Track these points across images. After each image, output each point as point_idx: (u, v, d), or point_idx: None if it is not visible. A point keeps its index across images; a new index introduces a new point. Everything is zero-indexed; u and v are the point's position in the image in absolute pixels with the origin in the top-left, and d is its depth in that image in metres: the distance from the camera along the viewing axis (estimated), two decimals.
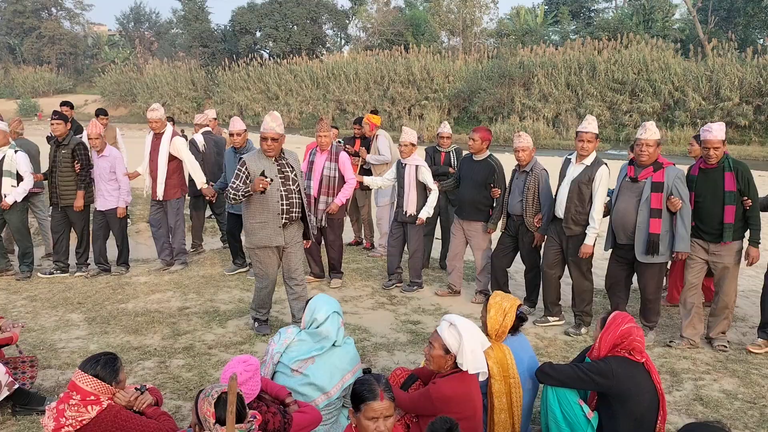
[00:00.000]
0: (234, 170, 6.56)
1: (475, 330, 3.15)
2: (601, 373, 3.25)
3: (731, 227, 4.78)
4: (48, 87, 49.96)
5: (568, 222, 5.24)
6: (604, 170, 5.15)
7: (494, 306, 3.56)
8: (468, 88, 31.27)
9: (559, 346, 5.13)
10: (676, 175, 4.84)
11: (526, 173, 5.67)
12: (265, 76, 39.23)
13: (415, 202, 6.25)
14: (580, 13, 43.57)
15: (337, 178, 6.40)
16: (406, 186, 6.28)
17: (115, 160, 6.64)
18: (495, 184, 5.94)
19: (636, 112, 26.83)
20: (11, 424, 3.72)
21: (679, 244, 4.84)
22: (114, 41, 61.45)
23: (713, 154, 4.76)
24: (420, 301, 6.23)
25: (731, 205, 4.75)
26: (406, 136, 6.31)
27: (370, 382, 2.65)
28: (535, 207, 5.62)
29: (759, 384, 4.43)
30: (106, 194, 6.67)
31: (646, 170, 4.91)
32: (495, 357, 3.41)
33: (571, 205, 5.20)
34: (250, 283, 6.65)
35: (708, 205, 4.85)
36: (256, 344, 5.00)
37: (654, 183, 4.85)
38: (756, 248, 4.86)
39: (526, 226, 5.68)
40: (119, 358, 3.04)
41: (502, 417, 3.42)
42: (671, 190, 4.82)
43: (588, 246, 5.19)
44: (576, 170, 5.23)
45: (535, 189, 5.59)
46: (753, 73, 24.84)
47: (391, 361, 4.71)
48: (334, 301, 3.69)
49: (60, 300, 6.01)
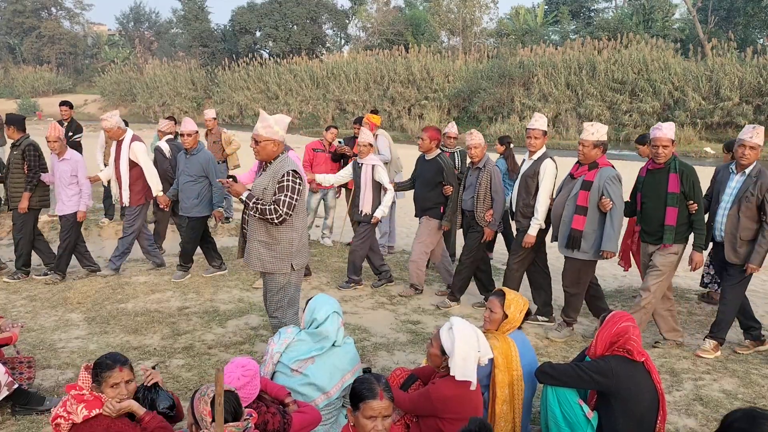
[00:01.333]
0: (185, 172, 6.55)
1: (473, 339, 3.15)
2: (601, 372, 3.25)
3: (672, 230, 4.73)
4: (48, 87, 49.92)
5: (518, 215, 5.51)
6: (548, 163, 5.30)
7: (514, 302, 3.64)
8: (468, 88, 31.25)
9: (559, 345, 5.13)
10: (608, 176, 4.84)
11: (478, 169, 5.85)
12: (265, 75, 39.21)
13: (370, 202, 6.37)
14: (579, 13, 43.56)
15: None
16: (362, 185, 6.38)
17: (77, 164, 6.46)
18: (445, 182, 6.06)
19: (636, 112, 26.81)
20: (11, 424, 3.71)
21: (606, 243, 4.85)
22: (114, 41, 61.43)
23: (662, 153, 4.73)
24: (420, 301, 6.23)
25: (673, 207, 4.71)
26: (364, 136, 6.40)
27: (370, 381, 2.65)
28: (486, 203, 5.79)
29: (759, 384, 4.43)
30: (65, 199, 6.48)
31: (582, 168, 5.01)
32: (501, 348, 3.49)
33: (519, 199, 5.45)
34: (249, 282, 6.65)
35: (651, 207, 4.84)
36: (256, 344, 5.00)
37: (584, 181, 4.92)
38: (700, 253, 4.82)
39: (477, 221, 5.82)
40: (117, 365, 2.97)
41: (504, 408, 3.45)
42: (602, 191, 4.84)
43: (531, 236, 5.36)
44: (525, 165, 5.48)
45: (487, 185, 5.76)
46: (753, 72, 24.83)
47: (390, 361, 4.71)
48: (334, 301, 3.68)
49: (59, 300, 6.01)
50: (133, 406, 2.97)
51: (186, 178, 6.58)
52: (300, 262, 4.31)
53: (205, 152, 6.66)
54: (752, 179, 4.65)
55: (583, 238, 4.92)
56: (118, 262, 6.85)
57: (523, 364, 3.55)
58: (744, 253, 4.71)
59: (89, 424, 2.86)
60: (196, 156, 6.57)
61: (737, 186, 4.73)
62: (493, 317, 3.64)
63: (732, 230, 4.71)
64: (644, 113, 26.51)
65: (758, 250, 4.63)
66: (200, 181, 6.56)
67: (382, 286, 6.60)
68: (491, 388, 3.46)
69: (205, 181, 6.59)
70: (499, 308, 3.62)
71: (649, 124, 26.28)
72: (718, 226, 4.85)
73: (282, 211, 4.04)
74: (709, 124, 25.05)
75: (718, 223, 4.84)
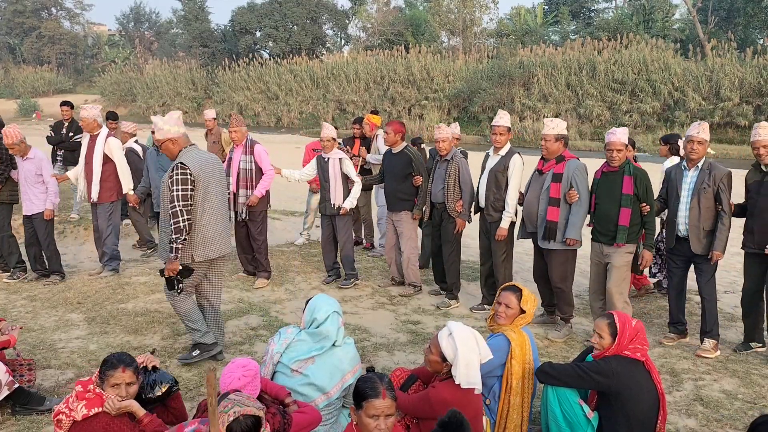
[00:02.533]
0: (157, 169, 6.54)
1: (473, 343, 3.14)
2: (601, 372, 3.25)
3: (625, 230, 4.91)
4: (48, 87, 49.91)
5: (489, 209, 5.69)
6: (517, 159, 5.58)
7: (530, 298, 3.69)
8: (468, 88, 31.24)
9: (559, 346, 5.13)
10: (576, 167, 5.12)
11: (447, 162, 5.98)
12: (265, 76, 39.20)
13: (341, 194, 6.45)
14: (580, 13, 43.55)
15: (254, 170, 6.47)
16: (331, 179, 6.45)
17: (41, 162, 6.41)
18: (415, 173, 6.18)
19: (636, 112, 26.81)
20: (11, 423, 3.71)
21: (570, 231, 5.10)
22: (114, 41, 61.42)
23: (616, 156, 4.92)
24: (420, 301, 6.23)
25: (627, 208, 4.89)
26: (326, 131, 6.47)
27: (373, 380, 2.65)
28: (456, 194, 5.92)
29: (759, 384, 4.43)
30: (33, 198, 6.45)
31: (549, 163, 5.23)
32: (518, 340, 3.55)
33: (489, 193, 5.66)
34: (250, 282, 6.65)
35: (605, 208, 5.02)
36: (256, 344, 4.99)
37: (554, 174, 5.16)
38: (650, 252, 5.09)
39: (448, 212, 5.94)
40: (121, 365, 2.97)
41: (517, 400, 3.50)
42: (571, 182, 5.09)
43: (503, 229, 5.58)
44: (493, 161, 5.69)
45: (456, 176, 5.91)
46: (753, 73, 24.84)
47: (391, 361, 4.71)
48: (334, 301, 3.68)
49: (60, 300, 6.01)
50: (133, 407, 2.97)
51: (161, 174, 6.56)
52: (202, 254, 4.36)
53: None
54: (705, 172, 4.90)
55: (558, 228, 5.14)
56: (113, 263, 6.82)
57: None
58: (707, 243, 4.93)
59: (89, 422, 2.87)
60: None
61: (693, 180, 4.96)
62: (509, 312, 3.65)
63: (695, 222, 4.93)
64: (644, 113, 26.51)
65: (719, 237, 4.86)
66: None
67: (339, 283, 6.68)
68: (506, 378, 3.50)
69: None
70: (515, 303, 3.64)
71: (649, 125, 26.32)
72: (682, 221, 5.02)
73: (176, 204, 4.15)
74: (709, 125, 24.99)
75: (681, 218, 5.01)
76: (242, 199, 6.44)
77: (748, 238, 4.92)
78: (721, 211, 4.85)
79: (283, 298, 6.23)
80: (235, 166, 6.46)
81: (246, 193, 6.43)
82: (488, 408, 3.55)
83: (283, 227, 9.69)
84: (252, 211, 6.47)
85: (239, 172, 6.43)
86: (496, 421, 3.53)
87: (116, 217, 6.77)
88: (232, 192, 6.44)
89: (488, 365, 3.38)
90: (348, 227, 6.61)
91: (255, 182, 6.45)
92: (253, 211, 6.48)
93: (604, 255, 5.09)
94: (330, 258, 6.74)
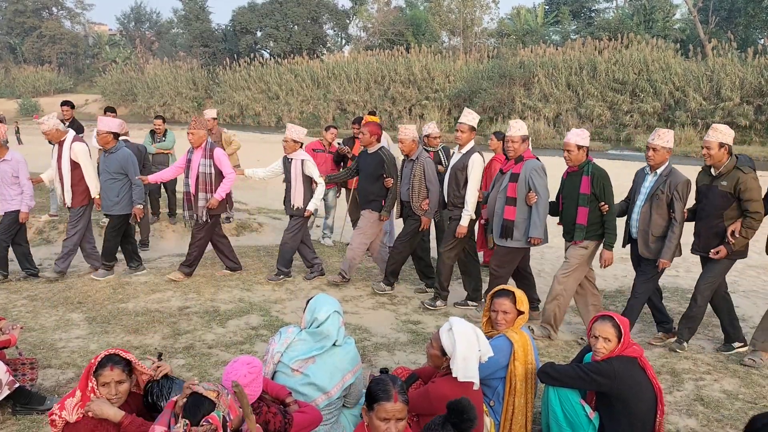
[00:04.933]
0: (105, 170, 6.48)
1: (473, 338, 3.15)
2: (602, 373, 3.25)
3: (582, 228, 5.03)
4: (49, 87, 49.96)
5: (450, 205, 5.89)
6: (476, 157, 5.72)
7: (523, 299, 3.70)
8: (468, 88, 31.27)
9: (559, 346, 5.13)
10: (532, 167, 5.23)
11: (412, 161, 6.14)
12: (266, 75, 39.24)
13: (302, 196, 6.54)
14: (580, 13, 43.56)
15: (213, 174, 6.48)
16: (293, 180, 6.54)
17: (18, 164, 6.40)
18: (386, 174, 6.29)
19: (637, 112, 26.83)
20: (11, 423, 3.71)
21: (533, 230, 5.23)
22: (115, 41, 61.45)
23: (566, 156, 5.08)
24: (420, 301, 6.23)
25: (584, 207, 5.00)
26: (288, 132, 6.53)
27: (386, 383, 2.63)
28: (422, 193, 6.06)
29: (760, 384, 4.43)
30: (9, 198, 6.44)
31: (509, 163, 5.40)
32: (520, 341, 3.55)
33: (450, 190, 5.83)
34: (250, 283, 6.65)
35: (567, 207, 5.17)
36: (256, 344, 5.00)
37: (512, 174, 5.31)
38: (609, 251, 5.06)
39: (413, 210, 6.10)
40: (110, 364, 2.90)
41: (521, 401, 3.50)
42: (527, 182, 5.22)
43: (462, 227, 5.71)
44: (455, 159, 5.87)
45: (422, 175, 6.04)
46: (754, 73, 24.85)
47: (391, 361, 4.70)
48: (335, 301, 3.68)
49: (60, 299, 6.01)
50: (106, 413, 2.83)
51: (106, 176, 6.50)
52: None
53: (123, 150, 6.55)
54: (663, 178, 4.89)
55: (515, 227, 5.27)
56: (62, 264, 6.71)
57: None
58: (655, 249, 4.93)
59: (75, 425, 2.83)
60: (114, 154, 6.48)
61: (650, 185, 4.98)
62: (509, 317, 3.65)
63: (645, 227, 4.94)
64: (645, 113, 26.53)
65: (668, 245, 4.85)
66: (119, 179, 6.49)
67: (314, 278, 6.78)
68: (509, 380, 3.49)
69: (125, 179, 6.53)
70: (511, 307, 3.64)
71: (650, 125, 26.32)
72: (634, 223, 5.07)
73: None
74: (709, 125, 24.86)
75: (634, 220, 5.07)
76: (201, 202, 6.46)
77: (695, 242, 4.95)
78: (673, 218, 4.83)
79: (283, 297, 6.23)
80: (195, 169, 6.47)
81: (205, 197, 6.45)
82: (492, 410, 3.54)
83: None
84: (212, 215, 6.53)
85: (198, 175, 6.45)
86: (500, 423, 3.53)
87: (84, 220, 6.68)
88: (192, 194, 6.49)
89: (491, 366, 3.38)
90: (297, 228, 6.64)
91: (215, 186, 6.48)
92: (213, 215, 6.54)
93: (567, 251, 5.27)
94: (307, 255, 6.83)
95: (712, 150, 4.70)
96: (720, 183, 4.71)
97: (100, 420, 2.84)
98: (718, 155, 4.70)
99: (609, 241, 5.04)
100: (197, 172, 6.45)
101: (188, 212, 6.60)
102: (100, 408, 2.83)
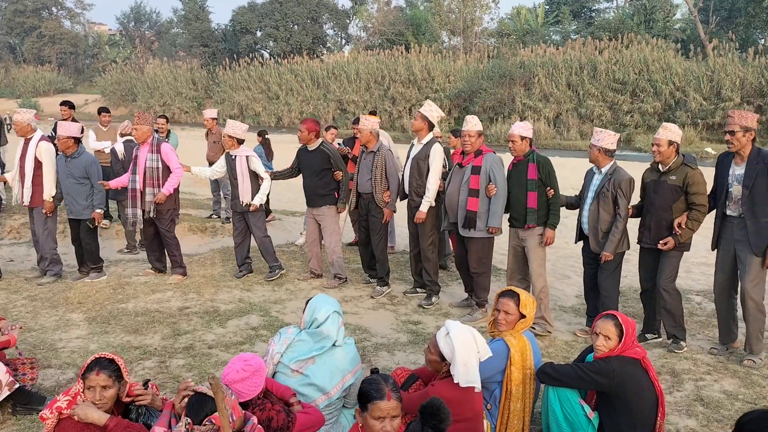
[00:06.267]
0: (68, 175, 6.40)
1: (471, 342, 3.14)
2: (603, 372, 3.25)
3: (534, 212, 5.35)
4: (48, 86, 49.91)
5: (412, 195, 6.03)
6: (437, 147, 5.92)
7: (529, 302, 3.68)
8: (469, 88, 31.23)
9: (559, 346, 5.13)
10: (492, 160, 5.52)
11: (373, 153, 6.21)
12: (266, 75, 39.18)
13: (249, 191, 6.57)
14: (581, 13, 43.52)
15: (160, 169, 6.51)
16: (239, 176, 6.57)
17: None
18: (334, 168, 6.41)
19: (637, 112, 26.78)
20: (11, 423, 3.71)
21: (492, 220, 5.50)
22: (114, 41, 61.42)
23: (512, 147, 5.43)
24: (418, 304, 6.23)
25: (533, 192, 5.33)
26: (228, 128, 6.54)
27: (378, 382, 2.64)
28: (383, 185, 6.18)
29: (760, 385, 4.43)
30: None
31: (468, 157, 5.61)
32: (518, 346, 3.53)
33: (412, 180, 5.99)
34: (250, 283, 6.66)
35: (516, 194, 5.44)
36: (257, 344, 5.00)
37: (474, 167, 5.53)
38: (552, 230, 5.41)
39: (376, 203, 6.18)
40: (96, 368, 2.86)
41: (517, 406, 3.48)
42: (489, 174, 5.47)
43: (421, 212, 5.89)
44: (416, 149, 6.02)
45: (383, 167, 6.14)
46: (754, 73, 24.80)
47: (391, 361, 4.70)
48: (334, 301, 3.68)
49: (60, 300, 6.01)
50: (90, 417, 2.78)
51: (71, 181, 6.43)
52: None
53: (86, 155, 6.50)
54: (608, 177, 5.11)
55: (478, 217, 5.50)
56: (55, 268, 6.70)
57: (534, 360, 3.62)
58: (605, 244, 5.13)
59: (62, 425, 2.82)
60: (77, 159, 6.42)
61: (597, 183, 5.20)
62: (509, 318, 3.64)
63: (594, 223, 5.18)
64: (645, 113, 26.48)
65: (611, 239, 5.08)
66: (86, 183, 6.46)
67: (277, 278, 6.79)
68: (506, 384, 3.49)
69: (90, 183, 6.50)
70: (514, 309, 3.63)
71: (650, 125, 26.28)
72: (585, 220, 5.28)
73: None
74: (710, 125, 25.01)
75: (584, 218, 5.27)
76: (149, 197, 6.48)
77: (645, 234, 5.10)
78: (617, 214, 5.05)
79: (283, 298, 6.23)
80: (142, 164, 6.50)
81: (153, 191, 6.48)
82: (489, 413, 3.54)
83: (283, 227, 9.70)
84: (159, 210, 6.53)
85: (146, 171, 6.47)
86: (496, 427, 3.52)
87: (51, 221, 6.64)
88: (139, 190, 6.48)
89: (488, 370, 3.38)
90: (261, 223, 6.74)
91: (162, 180, 6.50)
92: (160, 210, 6.53)
93: (520, 239, 5.50)
94: (242, 253, 6.85)
95: (662, 147, 4.91)
96: (669, 177, 4.92)
97: (86, 424, 2.80)
98: (668, 152, 4.90)
99: (552, 221, 5.38)
100: (144, 167, 6.47)
101: (132, 210, 6.53)
102: (84, 412, 2.79)
